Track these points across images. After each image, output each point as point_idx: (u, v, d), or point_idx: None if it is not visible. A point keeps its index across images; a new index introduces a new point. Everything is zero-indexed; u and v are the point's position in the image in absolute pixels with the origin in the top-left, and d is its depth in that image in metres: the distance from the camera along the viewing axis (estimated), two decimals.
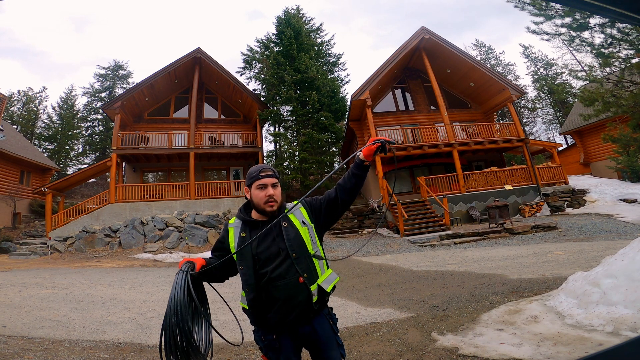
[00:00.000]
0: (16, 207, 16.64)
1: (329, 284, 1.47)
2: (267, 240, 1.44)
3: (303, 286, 1.39)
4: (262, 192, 1.47)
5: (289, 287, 1.38)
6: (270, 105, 17.97)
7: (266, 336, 1.45)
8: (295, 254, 1.41)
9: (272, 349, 1.44)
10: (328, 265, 1.54)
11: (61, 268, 9.89)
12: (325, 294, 1.46)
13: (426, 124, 16.00)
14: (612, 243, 7.32)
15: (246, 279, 1.43)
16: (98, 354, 3.25)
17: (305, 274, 1.40)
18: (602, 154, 17.02)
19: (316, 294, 1.42)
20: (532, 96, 33.42)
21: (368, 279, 6.41)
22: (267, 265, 1.41)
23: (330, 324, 1.50)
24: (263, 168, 1.52)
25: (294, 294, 1.38)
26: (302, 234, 1.46)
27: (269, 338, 1.45)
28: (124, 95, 16.13)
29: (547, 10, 6.15)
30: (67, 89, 44.03)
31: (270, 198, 1.46)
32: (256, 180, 1.48)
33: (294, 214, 1.51)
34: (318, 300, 1.43)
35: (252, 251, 1.42)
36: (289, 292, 1.38)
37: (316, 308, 1.43)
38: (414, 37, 15.45)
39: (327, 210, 1.56)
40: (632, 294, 2.98)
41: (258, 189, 1.48)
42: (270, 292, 1.39)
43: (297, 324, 1.42)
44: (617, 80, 6.38)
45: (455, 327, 3.40)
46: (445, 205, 12.29)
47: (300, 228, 1.47)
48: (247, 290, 1.43)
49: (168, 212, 14.42)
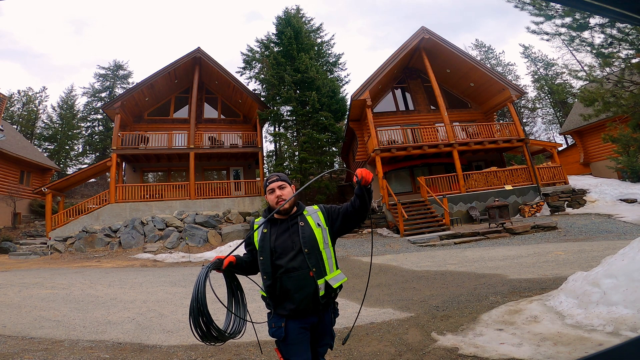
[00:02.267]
0: (16, 207, 16.64)
1: (336, 281, 1.65)
2: (284, 235, 1.67)
3: (312, 279, 1.59)
4: (272, 195, 1.74)
5: (300, 279, 1.59)
6: (270, 105, 17.96)
7: (276, 323, 1.65)
8: (307, 249, 1.61)
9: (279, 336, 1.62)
10: (338, 266, 1.74)
11: (61, 268, 9.89)
12: (332, 290, 1.64)
13: (426, 124, 16.00)
14: (612, 243, 7.32)
15: (264, 268, 1.65)
16: (98, 354, 3.25)
17: (315, 269, 1.60)
18: (602, 154, 17.02)
19: (323, 288, 1.61)
20: (532, 96, 33.45)
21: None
22: (282, 258, 1.62)
23: (331, 317, 1.72)
24: (270, 176, 1.81)
25: (303, 285, 1.58)
26: (316, 234, 1.67)
27: (277, 325, 1.64)
28: (124, 95, 16.13)
29: (547, 10, 6.14)
30: (67, 89, 44.12)
31: (278, 198, 1.72)
32: (266, 187, 1.77)
33: (312, 217, 1.73)
34: (325, 295, 1.62)
35: (271, 244, 1.65)
36: (300, 283, 1.59)
37: (323, 302, 1.61)
38: (414, 37, 15.44)
39: (342, 221, 1.76)
40: (632, 294, 2.98)
41: (269, 194, 1.75)
42: (284, 282, 1.60)
43: (307, 313, 1.62)
44: (617, 80, 6.38)
45: (455, 327, 3.40)
46: (445, 205, 12.29)
47: (314, 228, 1.68)
48: (264, 278, 1.66)
49: (168, 212, 14.42)
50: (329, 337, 1.72)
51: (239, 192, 16.41)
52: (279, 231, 1.68)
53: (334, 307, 1.74)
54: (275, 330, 1.63)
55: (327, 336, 1.72)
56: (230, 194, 15.84)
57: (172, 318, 4.47)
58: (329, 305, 1.68)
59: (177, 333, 3.85)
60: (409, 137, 14.86)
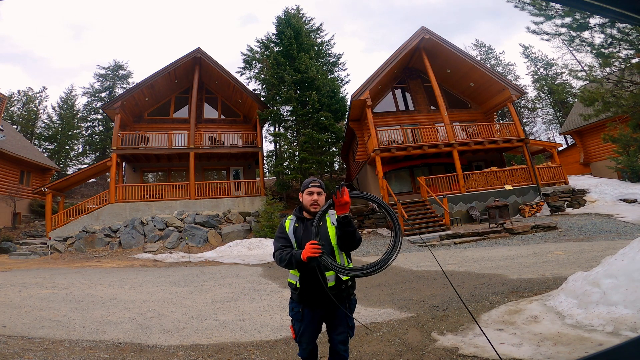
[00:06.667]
0: (16, 207, 16.64)
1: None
2: (308, 232, 1.90)
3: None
4: (310, 197, 1.97)
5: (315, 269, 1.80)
6: (270, 105, 17.96)
7: (296, 307, 1.97)
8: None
9: (297, 319, 1.95)
10: (349, 262, 1.97)
11: (61, 268, 9.89)
12: (342, 282, 1.88)
13: (426, 124, 15.99)
14: (612, 243, 7.32)
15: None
16: (98, 354, 3.25)
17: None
18: (602, 154, 17.02)
19: (333, 279, 1.86)
20: (532, 96, 33.45)
21: (368, 278, 6.40)
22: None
23: (347, 306, 1.93)
24: (313, 180, 2.01)
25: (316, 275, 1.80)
26: (330, 232, 1.90)
27: (297, 309, 1.96)
28: (124, 95, 16.13)
29: (547, 10, 6.14)
30: (67, 89, 44.11)
31: (315, 202, 1.96)
32: (307, 188, 1.99)
33: (330, 217, 1.97)
34: (335, 286, 1.86)
35: (298, 239, 1.92)
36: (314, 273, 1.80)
37: (333, 293, 1.82)
38: (414, 37, 15.44)
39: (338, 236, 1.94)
40: (632, 294, 2.98)
41: (307, 195, 1.98)
42: (306, 272, 1.86)
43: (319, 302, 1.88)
44: (617, 80, 6.38)
45: (455, 327, 3.40)
46: (445, 205, 12.29)
47: (329, 227, 1.92)
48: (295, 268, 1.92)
49: (168, 212, 14.42)
50: (344, 327, 1.92)
51: (239, 192, 16.41)
52: (305, 228, 1.94)
53: (349, 298, 1.95)
54: (294, 313, 1.96)
55: (343, 326, 1.92)
56: (230, 194, 15.83)
57: (172, 318, 4.47)
58: (342, 297, 1.88)
59: (177, 333, 3.85)
60: (409, 137, 14.86)
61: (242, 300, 5.31)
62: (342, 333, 1.92)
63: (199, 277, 7.65)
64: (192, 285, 6.76)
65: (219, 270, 8.44)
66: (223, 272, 8.11)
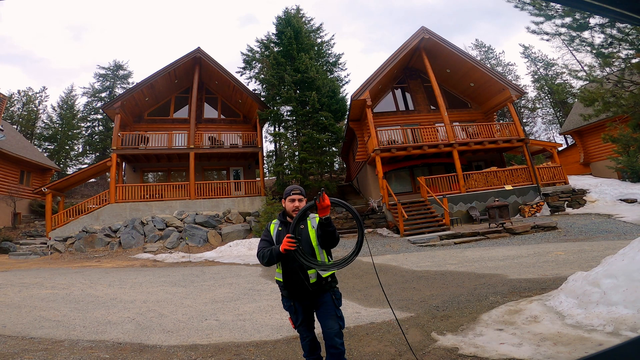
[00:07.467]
0: (16, 207, 16.63)
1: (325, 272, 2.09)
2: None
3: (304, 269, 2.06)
4: (292, 204, 2.19)
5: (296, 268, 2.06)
6: (270, 105, 17.95)
7: (287, 302, 2.22)
8: (302, 246, 2.01)
9: (291, 312, 2.21)
10: (330, 259, 2.19)
11: (61, 268, 9.89)
12: (322, 279, 2.10)
13: (426, 124, 15.99)
14: (612, 243, 7.32)
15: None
16: (98, 354, 3.25)
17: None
18: (602, 154, 17.02)
19: (314, 277, 2.08)
20: (532, 96, 33.44)
21: (368, 279, 6.40)
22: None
23: (332, 298, 2.14)
24: (294, 188, 2.22)
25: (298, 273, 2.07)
26: (310, 234, 2.12)
27: (288, 304, 2.21)
28: (124, 95, 16.13)
29: (547, 10, 6.14)
30: (67, 89, 44.07)
31: (296, 208, 2.17)
32: (289, 195, 2.21)
33: (311, 221, 2.17)
34: (316, 283, 2.08)
35: (281, 241, 2.03)
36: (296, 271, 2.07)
37: (312, 290, 2.07)
38: (414, 37, 15.44)
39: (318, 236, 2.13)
40: (632, 294, 2.98)
41: (289, 202, 2.20)
42: (289, 271, 2.10)
43: (303, 296, 2.12)
44: (617, 80, 6.38)
45: (455, 327, 3.40)
46: (445, 205, 12.28)
47: (310, 230, 2.14)
48: (277, 266, 2.17)
49: (168, 212, 14.42)
50: (333, 321, 2.09)
51: (239, 192, 16.41)
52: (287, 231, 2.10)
53: (333, 291, 2.16)
54: (287, 307, 2.23)
55: (331, 319, 2.09)
56: (230, 194, 15.83)
57: (172, 318, 4.47)
58: (323, 291, 2.11)
59: (177, 333, 3.85)
60: (409, 137, 14.86)
61: (242, 300, 5.31)
62: (333, 326, 2.07)
63: (199, 277, 7.65)
64: (192, 285, 6.76)
65: (219, 270, 8.44)
66: (223, 272, 8.11)
